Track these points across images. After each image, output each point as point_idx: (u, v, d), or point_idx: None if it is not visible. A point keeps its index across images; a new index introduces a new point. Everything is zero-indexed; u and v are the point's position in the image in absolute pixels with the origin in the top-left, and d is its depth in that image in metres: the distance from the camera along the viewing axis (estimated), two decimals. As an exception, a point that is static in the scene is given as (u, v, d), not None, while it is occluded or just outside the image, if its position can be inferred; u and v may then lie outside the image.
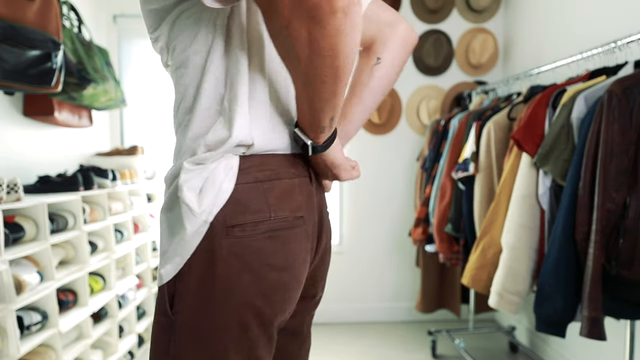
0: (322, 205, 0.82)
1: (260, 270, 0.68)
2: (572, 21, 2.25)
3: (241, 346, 0.68)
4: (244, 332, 0.68)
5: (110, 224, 2.16)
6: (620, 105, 1.31)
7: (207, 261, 0.67)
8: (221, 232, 0.67)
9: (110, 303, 2.18)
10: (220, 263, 0.67)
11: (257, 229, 0.68)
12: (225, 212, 0.68)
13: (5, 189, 1.53)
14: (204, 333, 0.67)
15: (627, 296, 1.35)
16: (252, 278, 0.67)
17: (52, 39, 1.72)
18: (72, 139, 2.43)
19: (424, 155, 2.74)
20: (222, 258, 0.67)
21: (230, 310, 0.67)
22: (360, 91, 0.88)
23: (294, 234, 0.72)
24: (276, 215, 0.70)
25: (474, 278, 1.84)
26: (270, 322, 0.70)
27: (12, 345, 1.45)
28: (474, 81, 3.05)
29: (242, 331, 0.68)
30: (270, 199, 0.70)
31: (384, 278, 3.14)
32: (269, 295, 0.69)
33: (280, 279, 0.70)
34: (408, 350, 2.66)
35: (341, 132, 0.89)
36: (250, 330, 0.68)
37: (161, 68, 0.85)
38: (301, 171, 0.76)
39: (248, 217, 0.68)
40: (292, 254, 0.71)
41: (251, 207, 0.68)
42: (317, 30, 0.56)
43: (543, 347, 2.49)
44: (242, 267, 0.67)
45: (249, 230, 0.68)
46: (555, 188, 1.59)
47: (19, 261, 1.61)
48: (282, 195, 0.71)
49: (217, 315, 0.67)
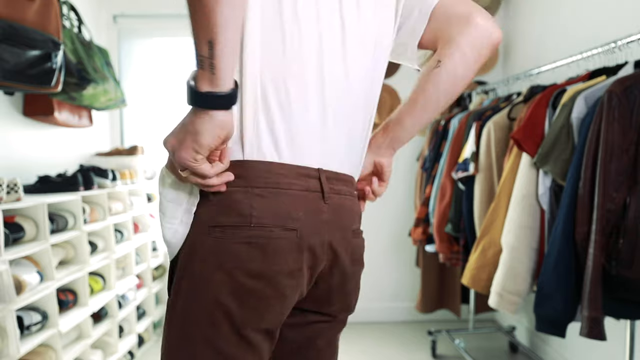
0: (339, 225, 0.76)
1: (233, 273, 0.68)
2: (572, 21, 2.25)
3: (208, 341, 0.70)
4: (213, 328, 0.69)
5: (110, 224, 2.16)
6: (620, 105, 1.31)
7: (189, 256, 0.71)
8: (204, 230, 0.70)
9: (110, 303, 2.18)
10: (199, 260, 0.70)
11: (236, 234, 0.68)
12: (210, 211, 0.70)
13: (5, 189, 1.53)
14: (183, 319, 0.71)
15: (627, 296, 1.35)
16: (225, 278, 0.68)
17: (52, 39, 1.72)
18: (72, 139, 2.43)
19: (424, 155, 2.74)
20: (201, 255, 0.69)
21: (203, 305, 0.69)
22: (417, 96, 0.82)
23: (277, 244, 0.69)
24: (258, 222, 0.68)
25: (474, 278, 1.84)
26: (242, 324, 0.70)
27: (12, 345, 1.45)
28: (474, 81, 3.05)
29: (210, 327, 0.69)
30: (255, 206, 0.69)
31: (383, 278, 3.14)
32: (240, 298, 0.69)
33: (255, 286, 0.69)
34: (408, 350, 2.66)
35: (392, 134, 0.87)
36: (219, 327, 0.69)
37: (161, 68, 0.85)
38: (311, 186, 0.72)
39: (229, 220, 0.69)
40: (271, 263, 0.69)
41: (234, 211, 0.69)
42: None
43: (543, 347, 2.49)
44: (216, 266, 0.68)
45: (229, 233, 0.68)
46: (555, 188, 1.59)
47: (19, 261, 1.61)
48: (271, 204, 0.69)
49: (192, 305, 0.70)
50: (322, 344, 0.85)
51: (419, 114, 0.83)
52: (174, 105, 3.01)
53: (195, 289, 0.70)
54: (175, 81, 2.99)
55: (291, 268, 0.71)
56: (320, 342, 0.84)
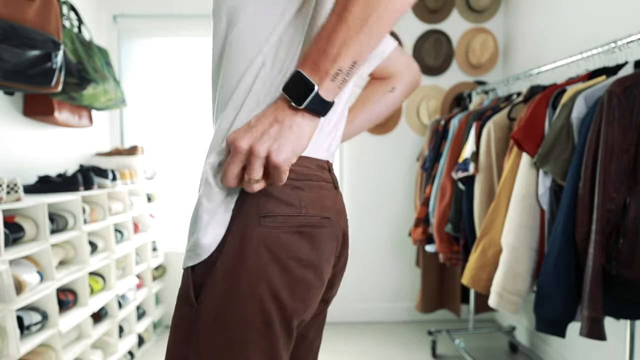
0: (344, 213, 0.83)
1: (287, 263, 0.68)
2: (572, 21, 2.25)
3: (262, 341, 0.68)
4: (267, 326, 0.68)
5: (110, 224, 2.16)
6: (620, 105, 1.31)
7: (237, 250, 0.67)
8: (253, 221, 0.67)
9: (110, 303, 2.18)
10: (250, 252, 0.66)
11: (287, 223, 0.68)
12: (258, 202, 0.68)
13: (5, 189, 1.53)
14: (226, 325, 0.66)
15: (627, 296, 1.35)
16: (279, 269, 0.67)
17: (52, 39, 1.72)
18: (72, 139, 2.43)
19: (424, 155, 2.74)
20: (252, 247, 0.67)
21: (256, 302, 0.66)
22: (371, 105, 1.03)
23: (322, 233, 0.72)
24: (307, 212, 0.70)
25: (474, 278, 1.84)
26: (291, 317, 0.70)
27: (12, 345, 1.45)
28: (474, 81, 3.05)
29: (264, 325, 0.67)
30: (301, 196, 0.71)
31: (383, 278, 3.14)
32: (292, 289, 0.69)
33: (305, 275, 0.70)
34: (408, 350, 2.66)
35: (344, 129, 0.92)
36: (272, 325, 0.68)
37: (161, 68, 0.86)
38: (327, 178, 0.77)
39: (280, 210, 0.68)
40: (319, 252, 0.72)
41: (282, 201, 0.69)
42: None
43: (543, 347, 2.49)
44: (270, 258, 0.67)
45: (280, 222, 0.68)
46: (555, 188, 1.59)
47: (19, 261, 1.61)
48: (312, 195, 0.72)
49: (242, 306, 0.66)
50: (313, 334, 0.87)
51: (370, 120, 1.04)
52: (174, 105, 3.02)
53: (243, 286, 0.66)
54: (175, 81, 3.00)
55: (328, 256, 0.74)
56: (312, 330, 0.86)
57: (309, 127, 0.63)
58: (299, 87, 0.61)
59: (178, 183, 3.05)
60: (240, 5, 0.70)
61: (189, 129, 3.03)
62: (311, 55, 0.61)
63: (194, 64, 3.00)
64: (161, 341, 2.77)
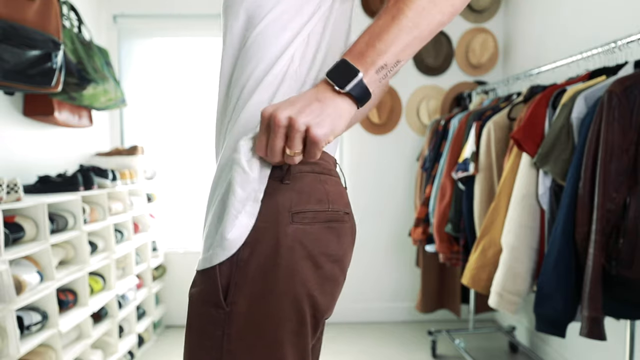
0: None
1: (319, 259, 0.68)
2: (572, 21, 2.25)
3: (296, 340, 0.67)
4: (301, 325, 0.67)
5: (110, 224, 2.16)
6: (620, 105, 1.31)
7: (271, 248, 0.65)
8: (285, 218, 0.66)
9: (110, 303, 2.18)
10: (285, 250, 0.65)
11: (317, 218, 0.69)
12: (290, 197, 0.67)
13: (5, 189, 1.53)
14: (262, 326, 0.65)
15: (627, 296, 1.35)
16: (312, 266, 0.67)
17: (52, 39, 1.72)
18: (72, 139, 2.43)
19: (424, 155, 2.74)
20: (286, 245, 0.65)
21: (291, 300, 0.66)
22: None
23: (344, 227, 0.73)
24: (332, 207, 0.71)
25: (474, 278, 1.84)
26: (322, 315, 0.70)
27: (12, 345, 1.45)
28: (474, 81, 3.05)
29: (299, 324, 0.67)
30: (328, 190, 0.71)
31: (383, 278, 3.14)
32: (323, 285, 0.69)
33: (333, 270, 0.70)
34: (408, 350, 2.66)
35: None
36: (306, 323, 0.68)
37: (161, 68, 0.86)
38: (339, 174, 0.78)
39: (311, 206, 0.68)
40: (343, 247, 0.72)
41: (312, 196, 0.69)
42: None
43: (543, 347, 2.49)
44: (304, 255, 0.66)
45: (311, 219, 0.68)
46: (555, 188, 1.59)
47: (19, 261, 1.61)
48: (334, 189, 0.73)
49: (278, 306, 0.65)
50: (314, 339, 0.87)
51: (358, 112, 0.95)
52: (174, 105, 3.02)
53: (279, 284, 0.65)
54: (175, 81, 3.00)
55: (349, 251, 0.75)
56: None
57: (347, 112, 0.63)
58: (344, 72, 0.62)
59: (178, 183, 3.05)
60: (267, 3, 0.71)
61: (189, 129, 3.03)
62: (358, 47, 0.63)
63: (194, 64, 3.00)
64: (161, 341, 2.77)
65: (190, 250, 3.03)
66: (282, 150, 0.62)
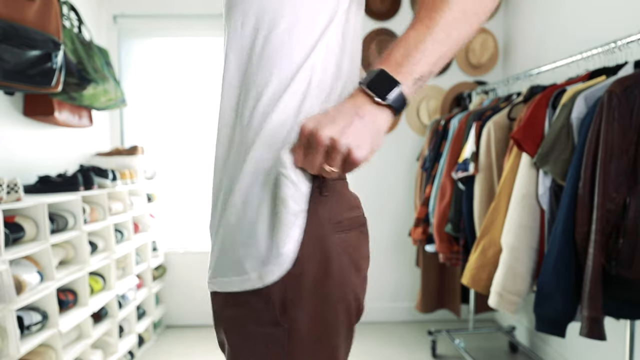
0: None
1: (359, 263, 0.70)
2: (572, 21, 2.25)
3: (346, 344, 0.70)
4: (350, 327, 0.70)
5: (110, 224, 2.16)
6: (620, 105, 1.31)
7: (321, 259, 0.65)
8: (330, 229, 0.66)
9: (110, 303, 2.18)
10: (335, 260, 0.66)
11: (352, 225, 0.70)
12: (330, 208, 0.67)
13: (5, 189, 1.53)
14: (320, 337, 0.66)
15: (627, 296, 1.35)
16: (355, 270, 0.69)
17: (52, 39, 1.72)
18: (72, 139, 2.43)
19: (424, 155, 2.74)
20: (335, 254, 0.66)
21: (344, 307, 0.67)
22: None
23: (367, 230, 0.75)
24: (360, 212, 0.73)
25: (474, 278, 1.84)
26: (360, 315, 0.72)
27: (12, 345, 1.45)
28: (474, 81, 3.05)
29: (349, 329, 0.69)
30: (354, 195, 0.73)
31: (383, 278, 3.14)
32: (363, 287, 0.72)
33: (366, 271, 0.73)
34: (408, 350, 2.66)
35: None
36: (353, 325, 0.70)
37: (161, 68, 0.85)
38: None
39: (347, 214, 0.69)
40: (369, 249, 0.74)
41: (346, 203, 0.70)
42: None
43: (543, 347, 2.49)
44: (349, 261, 0.68)
45: (348, 226, 0.69)
46: (555, 188, 1.59)
47: (19, 261, 1.61)
48: (355, 194, 0.74)
49: (333, 313, 0.66)
50: None
51: None
52: (174, 105, 3.02)
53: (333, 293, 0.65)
54: (175, 81, 3.00)
55: None
56: None
57: (385, 125, 0.62)
58: (384, 83, 0.61)
59: (178, 183, 3.05)
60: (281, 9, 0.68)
61: (189, 129, 3.03)
62: (394, 57, 0.62)
63: (194, 64, 3.00)
64: (161, 341, 2.77)
65: (190, 250, 3.03)
66: (320, 165, 0.61)
